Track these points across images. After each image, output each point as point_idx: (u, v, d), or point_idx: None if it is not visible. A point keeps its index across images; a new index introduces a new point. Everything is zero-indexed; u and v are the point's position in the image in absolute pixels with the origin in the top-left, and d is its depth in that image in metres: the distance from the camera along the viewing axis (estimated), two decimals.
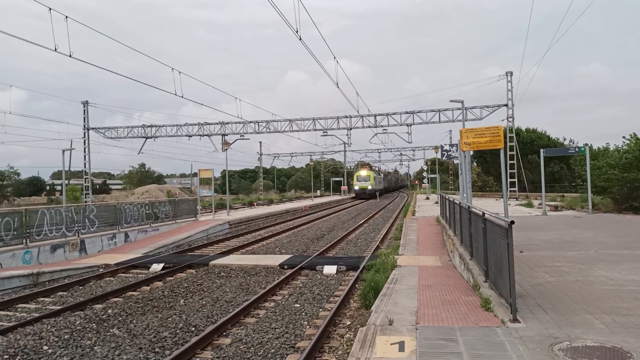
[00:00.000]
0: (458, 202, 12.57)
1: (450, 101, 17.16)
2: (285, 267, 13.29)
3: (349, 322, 8.17)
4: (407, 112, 38.27)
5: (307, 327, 8.04)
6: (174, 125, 42.71)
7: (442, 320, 6.25)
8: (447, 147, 17.92)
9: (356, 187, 65.89)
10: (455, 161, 21.89)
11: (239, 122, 40.63)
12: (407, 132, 39.21)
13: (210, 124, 41.95)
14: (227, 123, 41.63)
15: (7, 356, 6.89)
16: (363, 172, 67.45)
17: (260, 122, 41.48)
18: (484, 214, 7.62)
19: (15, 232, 13.97)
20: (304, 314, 8.87)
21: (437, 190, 46.15)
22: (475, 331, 5.63)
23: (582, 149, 24.28)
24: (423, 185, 66.38)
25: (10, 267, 13.11)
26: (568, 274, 8.41)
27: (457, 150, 16.14)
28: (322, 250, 16.06)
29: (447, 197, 17.55)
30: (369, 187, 64.36)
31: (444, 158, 19.30)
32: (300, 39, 16.39)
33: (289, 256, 15.07)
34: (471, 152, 14.54)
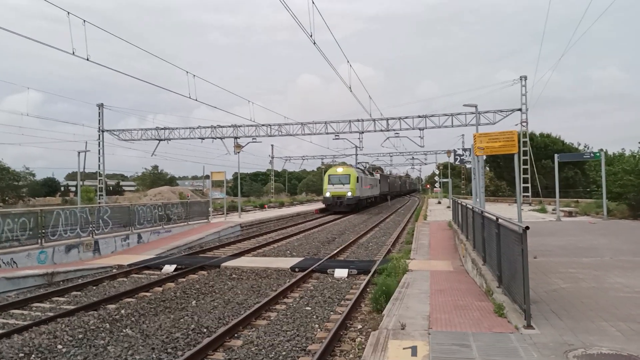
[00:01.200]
0: (471, 207, 12.49)
1: (464, 105, 17.10)
2: (297, 269, 13.30)
3: (360, 326, 8.15)
4: (419, 116, 38.16)
5: (318, 330, 8.04)
6: (187, 128, 43.03)
7: (454, 326, 6.22)
8: (460, 152, 17.83)
9: (327, 194, 40.01)
10: (468, 165, 21.78)
11: (252, 125, 40.78)
12: (420, 136, 39.09)
13: (223, 126, 42.21)
14: (240, 126, 41.84)
15: (23, 354, 6.99)
16: (339, 169, 41.75)
17: (273, 125, 41.61)
18: (497, 219, 7.56)
19: (30, 232, 14.17)
20: (315, 316, 8.87)
21: (449, 194, 45.88)
22: (488, 337, 5.59)
23: (598, 154, 23.99)
24: (435, 189, 65.54)
25: (25, 266, 13.29)
26: (583, 280, 8.31)
27: (470, 155, 16.06)
28: (333, 254, 16.05)
29: (459, 201, 17.44)
30: (349, 194, 39.16)
31: (456, 162, 19.22)
32: (315, 43, 16.43)
33: (300, 259, 15.08)
34: (484, 157, 14.46)
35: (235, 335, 7.76)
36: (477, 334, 5.74)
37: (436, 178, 60.80)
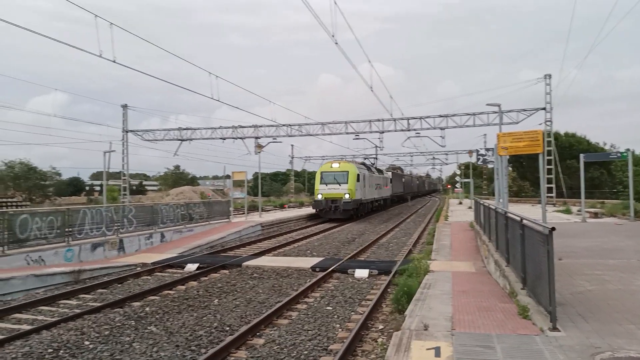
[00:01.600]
0: (493, 208, 12.35)
1: (487, 105, 16.91)
2: (317, 269, 13.34)
3: (381, 326, 8.14)
4: (440, 116, 37.79)
5: (340, 330, 8.05)
6: (208, 128, 43.43)
7: (478, 327, 6.16)
8: (482, 151, 17.64)
9: (318, 196, 32.16)
10: (490, 165, 21.51)
11: (272, 125, 40.98)
12: (441, 136, 38.70)
13: (244, 127, 42.48)
14: (260, 126, 42.06)
15: (51, 350, 7.17)
16: (335, 165, 33.36)
17: (293, 125, 41.72)
18: (522, 219, 7.47)
19: (58, 231, 14.52)
20: (336, 316, 8.89)
21: (471, 195, 45.40)
22: (512, 339, 5.53)
23: (625, 154, 23.42)
24: (456, 189, 64.74)
25: (53, 264, 13.61)
26: (609, 282, 8.15)
27: (493, 154, 15.88)
28: (354, 254, 16.04)
29: (481, 202, 17.24)
30: (346, 197, 31.14)
31: (479, 162, 19.00)
32: (337, 43, 16.44)
33: (320, 259, 15.11)
34: (508, 157, 14.27)
35: (257, 333, 7.83)
36: (501, 335, 5.68)
37: (457, 178, 59.88)
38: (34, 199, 56.87)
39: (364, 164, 40.84)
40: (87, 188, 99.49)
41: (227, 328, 8.22)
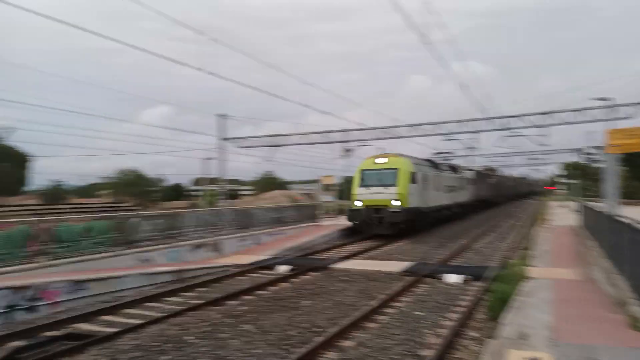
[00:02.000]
0: (601, 211, 11.39)
1: (596, 99, 15.60)
2: (406, 273, 13.13)
3: (474, 334, 7.84)
4: (540, 113, 35.48)
5: (430, 335, 7.87)
6: (298, 134, 44.51)
7: (581, 338, 5.73)
8: (589, 150, 16.31)
9: (357, 203, 22.80)
10: (597, 165, 19.80)
11: (361, 129, 41.04)
12: (541, 135, 36.28)
13: (333, 131, 42.97)
14: (349, 130, 42.30)
15: (157, 343, 7.77)
16: (379, 160, 23.71)
17: (381, 128, 41.45)
18: (633, 223, 6.83)
19: (164, 233, 15.72)
20: (426, 322, 8.70)
21: (575, 197, 42.18)
22: (621, 352, 5.08)
23: None
24: (557, 191, 60.30)
25: (159, 263, 14.73)
26: None
27: (601, 153, 14.64)
28: (444, 259, 15.58)
29: (587, 204, 15.96)
30: (395, 204, 21.69)
31: (586, 162, 17.59)
32: (427, 43, 16.12)
33: (409, 263, 14.85)
34: (619, 155, 13.09)
35: (347, 336, 7.89)
36: (609, 347, 5.23)
37: (559, 179, 55.75)
38: (143, 204, 61.91)
39: (429, 160, 33.78)
40: (187, 193, 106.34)
41: (318, 329, 8.37)
